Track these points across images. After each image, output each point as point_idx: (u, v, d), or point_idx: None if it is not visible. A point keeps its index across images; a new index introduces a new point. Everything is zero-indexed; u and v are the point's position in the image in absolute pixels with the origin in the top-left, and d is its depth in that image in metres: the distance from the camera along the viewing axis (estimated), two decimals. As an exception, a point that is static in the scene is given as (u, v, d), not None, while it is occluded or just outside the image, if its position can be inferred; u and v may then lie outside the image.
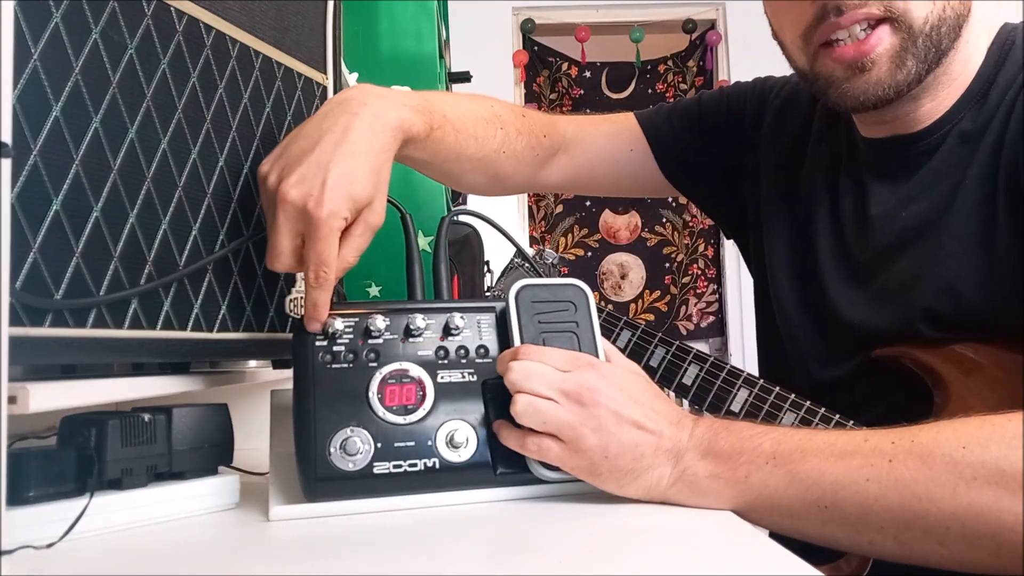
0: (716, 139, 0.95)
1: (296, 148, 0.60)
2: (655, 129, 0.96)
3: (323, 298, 0.58)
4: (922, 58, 0.71)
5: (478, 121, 0.81)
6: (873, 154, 0.81)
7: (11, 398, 0.44)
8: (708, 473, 0.56)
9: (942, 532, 0.51)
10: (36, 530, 0.47)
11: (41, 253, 0.47)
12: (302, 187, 0.57)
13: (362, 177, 0.59)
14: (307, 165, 0.58)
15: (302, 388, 0.58)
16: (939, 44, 0.71)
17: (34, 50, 0.47)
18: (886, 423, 0.57)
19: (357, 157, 0.59)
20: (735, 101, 0.95)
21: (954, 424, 0.54)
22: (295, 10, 0.73)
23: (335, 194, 0.57)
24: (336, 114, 0.62)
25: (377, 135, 0.62)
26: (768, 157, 0.91)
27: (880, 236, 0.79)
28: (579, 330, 0.62)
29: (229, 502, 0.60)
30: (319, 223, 0.56)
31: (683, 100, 0.99)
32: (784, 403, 0.84)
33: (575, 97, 4.19)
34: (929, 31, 0.70)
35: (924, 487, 0.52)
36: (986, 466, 0.51)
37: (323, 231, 0.56)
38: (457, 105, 0.79)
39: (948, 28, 0.71)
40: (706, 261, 4.14)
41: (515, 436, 0.58)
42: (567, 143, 0.94)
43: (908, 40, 0.71)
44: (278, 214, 0.57)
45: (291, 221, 0.57)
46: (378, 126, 0.62)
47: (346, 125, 0.60)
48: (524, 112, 0.90)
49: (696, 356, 0.92)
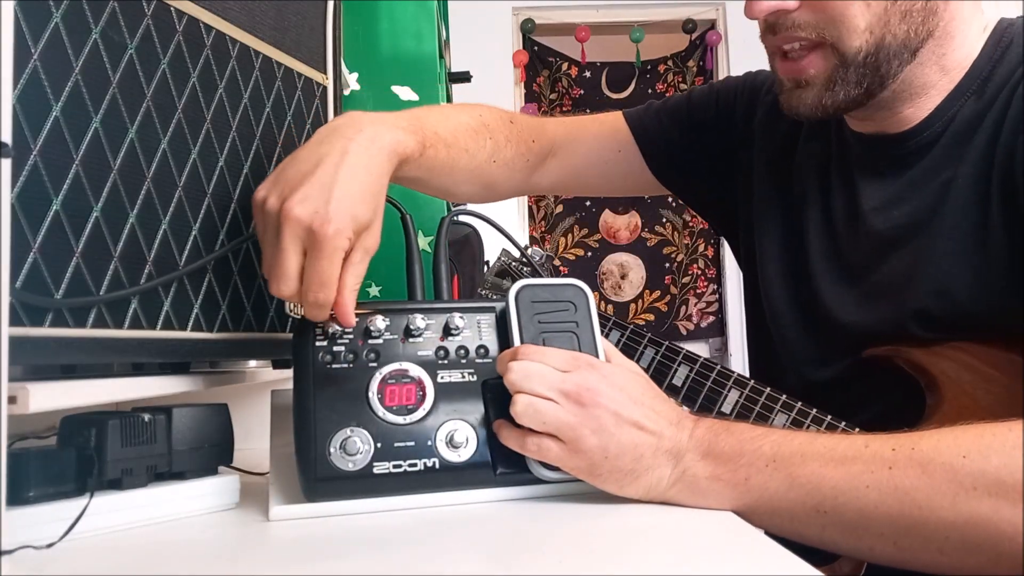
0: (706, 136, 0.94)
1: (293, 171, 0.59)
2: (643, 128, 0.95)
3: (322, 317, 0.57)
4: (854, 83, 0.72)
5: (467, 133, 0.81)
6: (863, 150, 0.81)
7: (11, 398, 0.44)
8: (708, 474, 0.56)
9: (941, 540, 0.51)
10: (36, 530, 0.47)
11: (41, 253, 0.47)
12: (307, 205, 0.56)
13: (363, 199, 0.58)
14: (310, 185, 0.57)
15: (302, 388, 0.58)
16: (877, 70, 0.71)
17: (34, 50, 0.47)
18: (879, 424, 0.57)
19: (357, 179, 0.59)
20: (725, 97, 0.95)
21: (955, 432, 0.54)
22: (295, 10, 0.73)
23: (340, 213, 0.56)
24: (332, 140, 0.61)
25: (374, 158, 0.62)
26: (760, 153, 0.90)
27: (871, 235, 0.78)
28: (579, 330, 0.62)
29: (229, 502, 0.60)
30: (324, 240, 0.55)
31: (672, 97, 0.98)
32: (775, 404, 0.84)
33: (575, 97, 4.18)
34: (863, 60, 0.71)
35: (924, 495, 0.52)
36: (986, 476, 0.51)
37: (327, 249, 0.55)
38: (447, 119, 0.79)
39: (890, 54, 0.71)
40: (706, 261, 4.14)
41: (515, 436, 0.58)
42: (556, 147, 0.94)
43: (840, 68, 0.71)
44: (284, 233, 0.56)
45: (297, 240, 0.56)
46: (374, 150, 0.62)
47: (343, 149, 0.60)
48: (512, 118, 0.90)
49: (686, 357, 0.91)
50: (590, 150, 0.95)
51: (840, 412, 0.81)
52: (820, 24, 0.70)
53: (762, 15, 0.72)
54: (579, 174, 0.96)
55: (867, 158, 0.80)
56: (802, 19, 0.71)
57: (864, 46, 0.70)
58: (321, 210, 0.56)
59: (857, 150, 0.81)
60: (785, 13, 0.71)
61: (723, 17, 4.08)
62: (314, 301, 0.56)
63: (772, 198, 0.88)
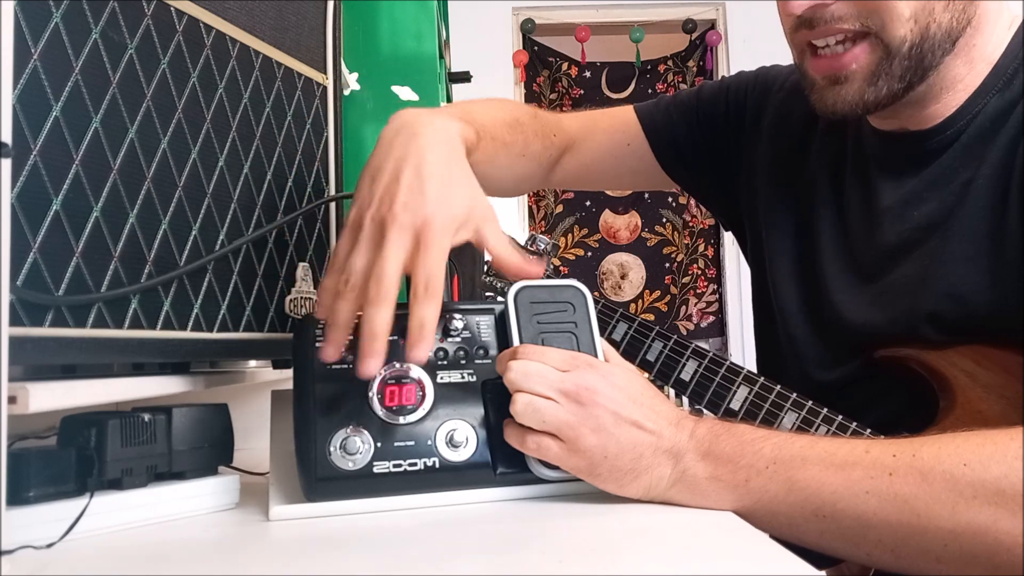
0: (715, 131, 0.94)
1: (380, 186, 0.59)
2: (653, 122, 0.95)
3: (432, 314, 0.55)
4: (897, 77, 0.70)
5: (505, 127, 0.81)
6: (882, 147, 0.79)
7: (11, 398, 0.44)
8: (708, 475, 0.56)
9: (940, 549, 0.51)
10: (36, 530, 0.47)
11: (41, 253, 0.47)
12: (408, 212, 0.56)
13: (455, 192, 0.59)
14: (407, 192, 0.57)
15: (302, 389, 0.58)
16: (921, 61, 0.70)
17: (34, 50, 0.47)
18: (887, 426, 0.57)
19: (446, 175, 0.60)
20: (736, 93, 0.94)
21: (956, 440, 0.54)
22: (295, 10, 0.73)
23: (440, 210, 0.57)
24: (403, 141, 0.61)
25: (454, 150, 0.63)
26: (771, 149, 0.89)
27: (887, 235, 0.77)
28: (577, 330, 0.62)
29: (229, 502, 0.60)
30: (432, 232, 0.56)
31: (683, 92, 0.97)
32: (785, 402, 0.82)
33: (575, 97, 4.18)
34: (908, 51, 0.69)
35: (923, 503, 0.51)
36: (986, 485, 0.51)
37: (433, 238, 0.56)
38: (488, 112, 0.80)
39: (934, 44, 0.69)
40: (706, 261, 4.14)
41: (515, 433, 0.58)
42: (572, 141, 0.94)
43: (884, 60, 0.69)
44: (390, 237, 0.56)
45: (403, 247, 0.56)
46: (447, 139, 0.63)
47: (419, 147, 0.60)
48: (536, 113, 0.91)
49: (695, 351, 0.90)
50: (601, 145, 0.95)
51: (848, 413, 0.79)
52: (863, 14, 0.68)
53: (802, 10, 0.70)
54: (591, 168, 0.96)
55: (886, 156, 0.79)
56: (842, 11, 0.69)
57: (909, 36, 0.68)
58: (421, 211, 0.56)
59: (876, 147, 0.80)
60: (824, 7, 0.69)
61: (723, 17, 4.08)
62: (423, 291, 0.55)
63: (783, 195, 0.87)
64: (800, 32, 0.72)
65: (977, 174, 0.72)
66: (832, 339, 0.81)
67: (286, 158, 0.72)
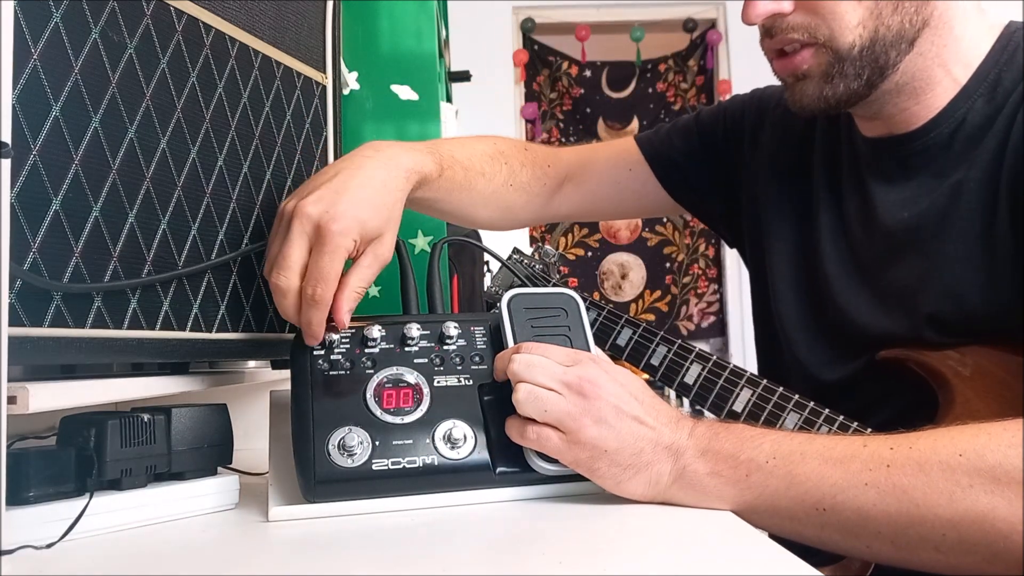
0: (716, 152, 0.97)
1: (313, 184, 0.63)
2: (653, 148, 0.98)
3: (317, 318, 0.58)
4: (853, 76, 0.73)
5: (484, 158, 0.85)
6: (872, 154, 0.81)
7: (11, 398, 0.44)
8: (708, 471, 0.56)
9: (939, 538, 0.52)
10: (36, 530, 0.47)
11: (41, 252, 0.47)
12: (319, 205, 0.59)
13: (373, 207, 0.62)
14: (325, 189, 0.61)
15: (300, 393, 0.58)
16: (875, 61, 0.73)
17: (34, 50, 0.47)
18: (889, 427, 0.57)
19: (370, 189, 0.63)
20: (733, 113, 0.97)
21: (951, 432, 0.54)
22: (294, 10, 0.73)
23: (347, 215, 0.59)
24: (352, 157, 0.66)
25: (391, 173, 0.66)
26: (770, 165, 0.91)
27: (883, 238, 0.78)
28: (571, 334, 0.63)
29: (229, 502, 0.60)
30: (328, 236, 0.58)
31: (682, 118, 1.01)
32: (788, 404, 0.84)
33: (575, 96, 4.19)
34: (859, 53, 0.72)
35: (921, 493, 0.52)
36: (982, 473, 0.51)
37: (330, 246, 0.58)
38: (463, 146, 0.84)
39: (886, 45, 0.72)
40: (707, 261, 4.14)
41: (516, 425, 0.58)
42: (572, 171, 0.97)
43: (835, 63, 0.73)
44: (293, 226, 0.59)
45: (304, 235, 0.59)
46: (392, 166, 0.66)
47: (360, 164, 0.64)
48: (527, 146, 0.95)
49: (698, 355, 0.91)
50: (603, 172, 0.98)
51: (852, 416, 0.80)
52: (812, 26, 0.72)
53: (759, 20, 0.74)
54: (594, 196, 0.99)
55: (876, 161, 0.81)
56: (796, 21, 0.73)
57: (858, 40, 0.72)
58: (330, 209, 0.59)
59: (867, 154, 0.82)
60: (781, 17, 0.73)
61: (724, 16, 4.09)
62: (311, 295, 0.57)
63: (784, 205, 0.89)
64: (764, 40, 0.77)
65: (967, 176, 0.73)
66: (834, 341, 0.83)
67: (285, 157, 0.72)
